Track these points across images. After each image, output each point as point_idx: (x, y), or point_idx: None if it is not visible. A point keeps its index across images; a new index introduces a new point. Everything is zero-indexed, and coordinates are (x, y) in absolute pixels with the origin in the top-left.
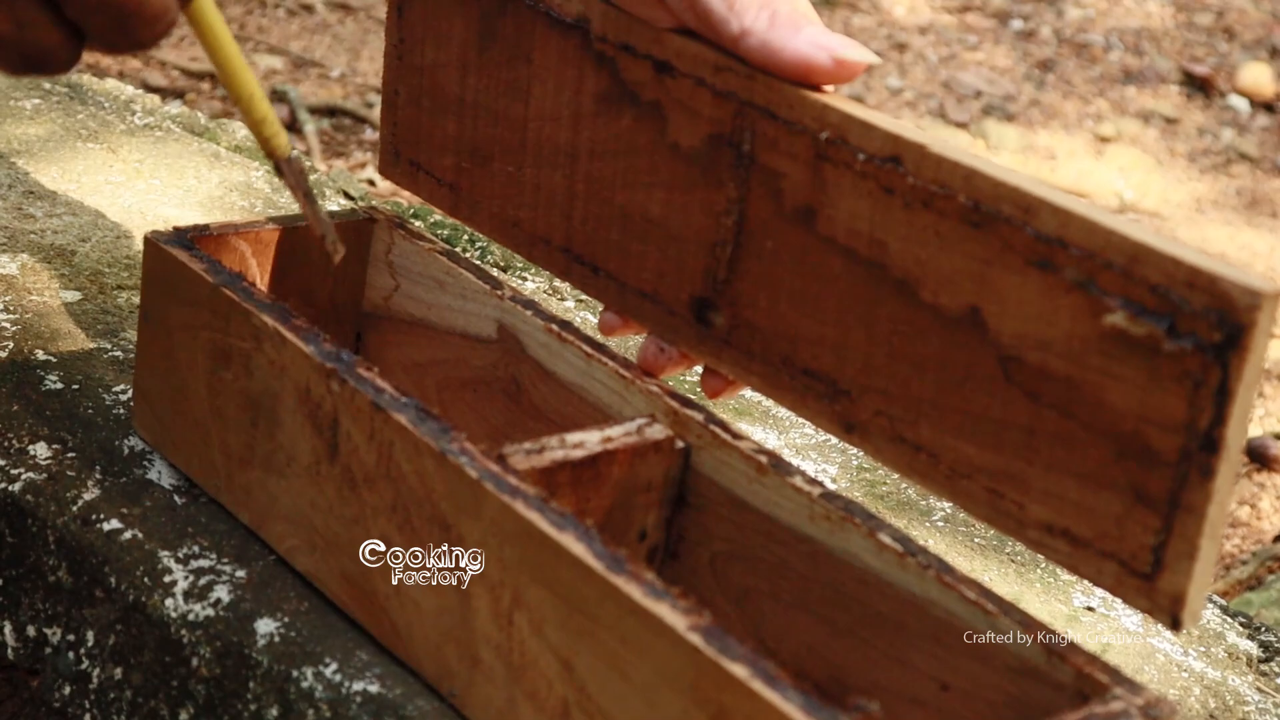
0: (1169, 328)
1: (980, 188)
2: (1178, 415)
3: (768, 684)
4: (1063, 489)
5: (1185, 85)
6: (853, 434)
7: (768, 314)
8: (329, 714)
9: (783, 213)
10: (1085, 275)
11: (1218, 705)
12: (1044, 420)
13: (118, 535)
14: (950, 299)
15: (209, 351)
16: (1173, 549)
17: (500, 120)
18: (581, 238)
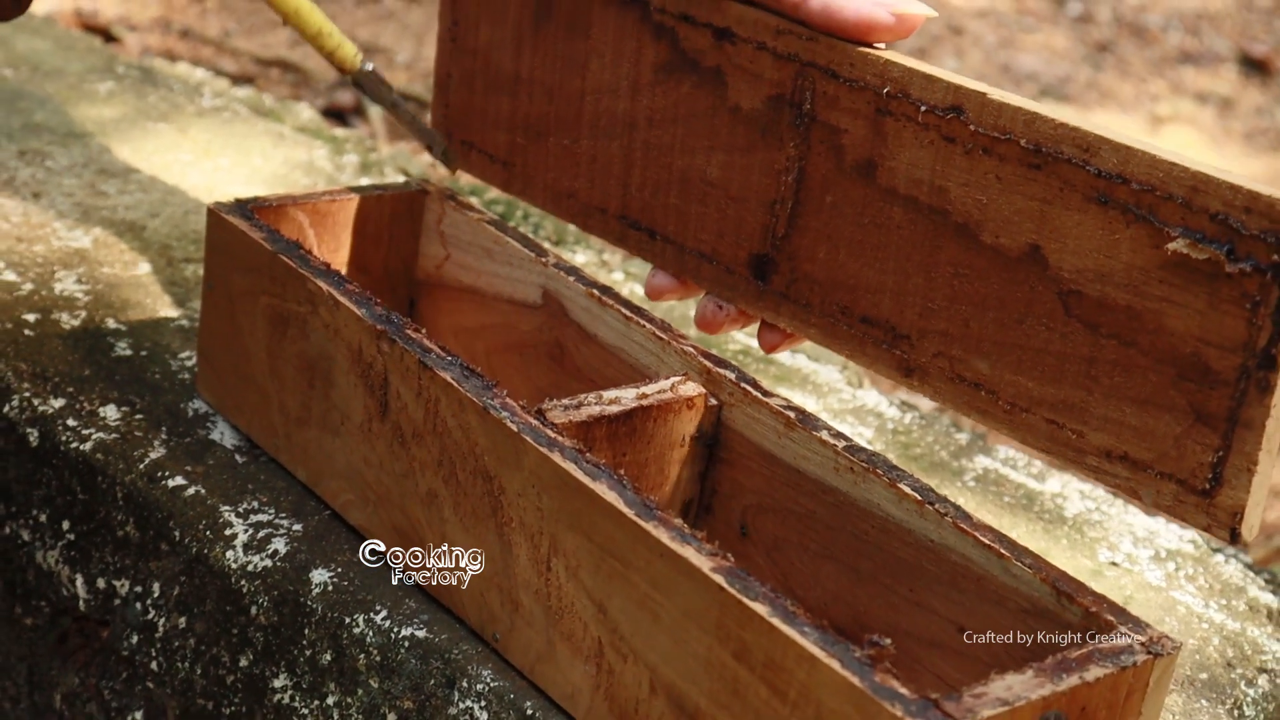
0: (1229, 252)
1: (1041, 131)
2: (1237, 336)
3: (786, 620)
4: (1122, 415)
5: (1242, 66)
6: (912, 376)
7: (826, 266)
8: (379, 658)
9: (843, 167)
10: (1146, 208)
11: (1235, 654)
12: (1103, 350)
13: (182, 491)
14: (1011, 239)
15: (268, 316)
16: (1232, 465)
17: (556, 95)
18: (638, 204)
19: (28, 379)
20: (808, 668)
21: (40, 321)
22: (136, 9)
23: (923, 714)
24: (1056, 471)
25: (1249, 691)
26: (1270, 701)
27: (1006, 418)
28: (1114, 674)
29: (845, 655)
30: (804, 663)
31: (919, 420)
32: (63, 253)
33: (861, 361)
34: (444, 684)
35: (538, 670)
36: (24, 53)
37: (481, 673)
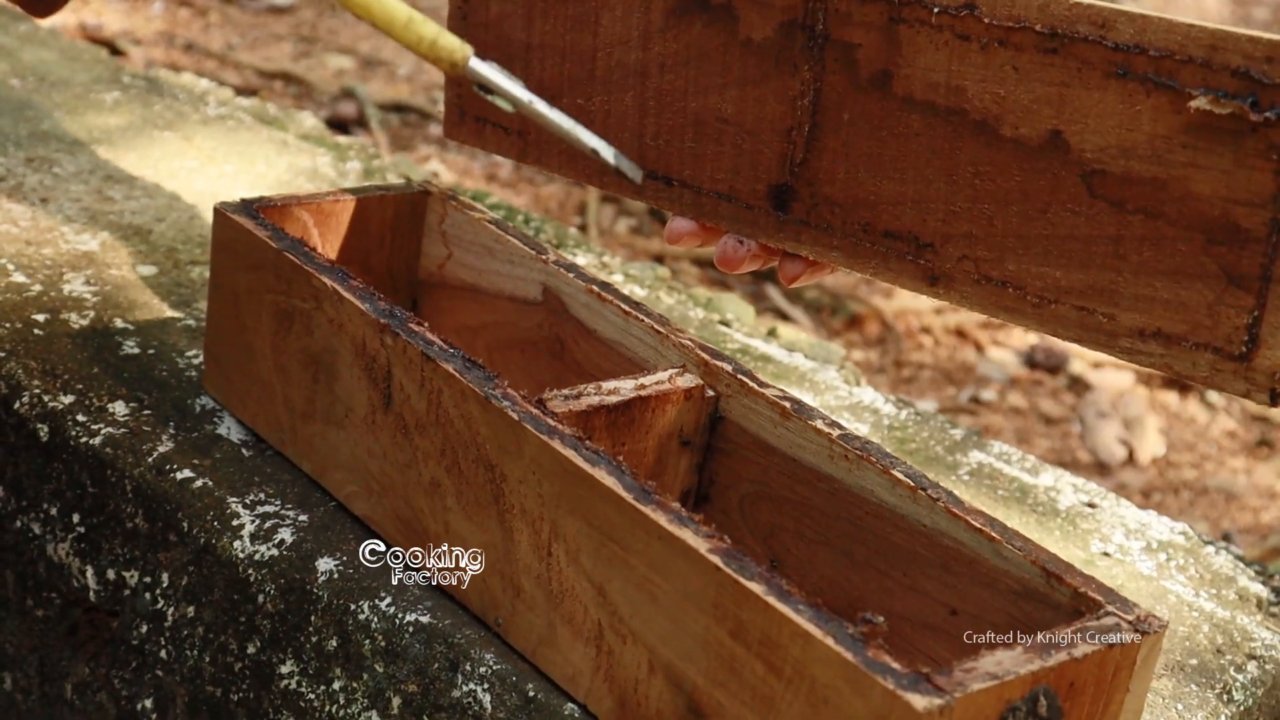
0: (1253, 103)
1: (1055, 13)
2: (1265, 189)
3: (781, 599)
4: (1153, 290)
5: None
6: (937, 285)
7: (846, 186)
8: (384, 643)
9: (858, 83)
10: (1166, 74)
11: (1225, 641)
12: (1130, 226)
13: (190, 484)
14: (1031, 129)
15: (273, 313)
16: (1269, 323)
17: (568, 56)
18: (654, 153)
19: (38, 376)
20: (802, 644)
21: (50, 321)
22: (140, 23)
23: (914, 688)
24: (1050, 466)
25: (1238, 677)
26: (1259, 687)
27: (1035, 312)
28: (1102, 651)
29: (839, 632)
30: (799, 639)
31: (914, 416)
32: (71, 255)
33: (886, 277)
34: (448, 668)
35: (539, 653)
36: (31, 63)
37: (484, 656)
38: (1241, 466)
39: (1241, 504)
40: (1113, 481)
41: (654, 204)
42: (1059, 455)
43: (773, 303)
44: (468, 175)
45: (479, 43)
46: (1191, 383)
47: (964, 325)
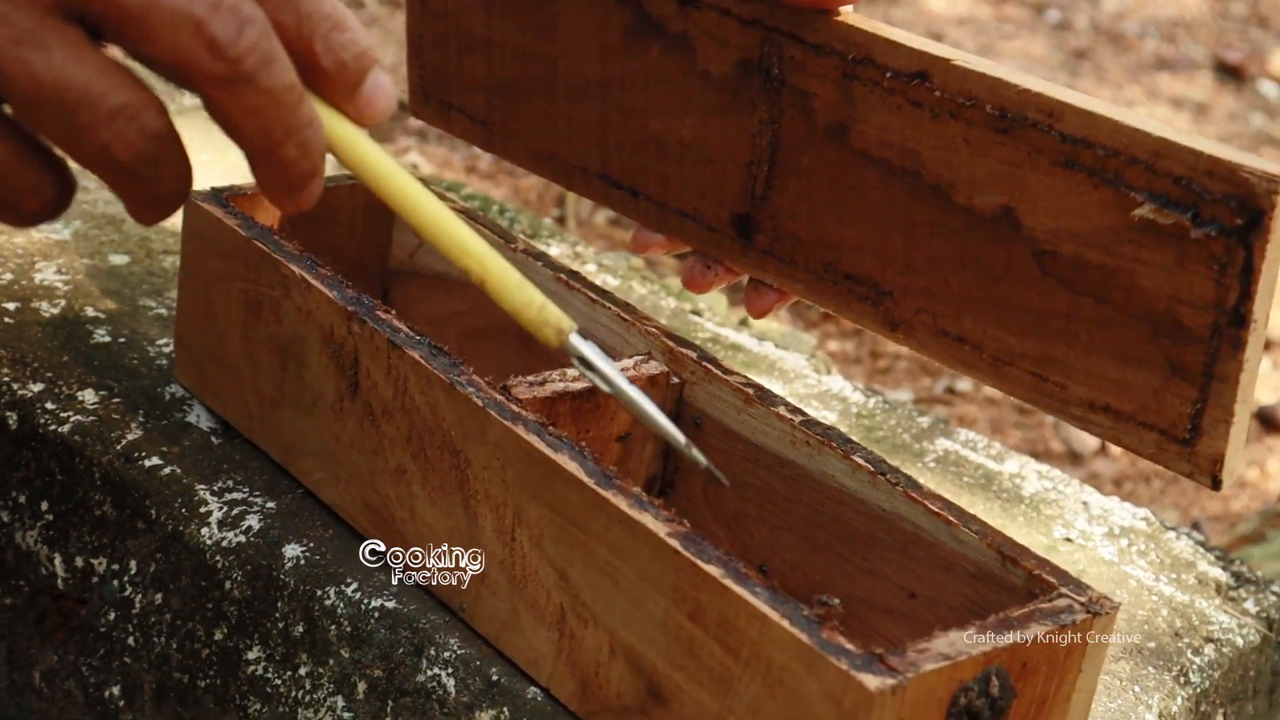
0: (1194, 216)
1: (1006, 96)
2: (1207, 295)
3: (738, 581)
4: (1102, 368)
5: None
6: (897, 331)
7: (808, 225)
8: (349, 629)
9: (815, 131)
10: (1112, 172)
11: (1183, 624)
12: (1081, 307)
13: (158, 471)
14: (983, 201)
15: (242, 301)
16: (1209, 416)
17: (527, 57)
18: (618, 164)
19: (7, 364)
20: (759, 626)
21: (20, 310)
22: None
23: (867, 668)
24: (1015, 453)
25: (1195, 660)
26: (1216, 669)
27: (992, 370)
28: (1054, 632)
29: (794, 614)
30: (755, 621)
31: (882, 405)
32: (43, 244)
33: (848, 316)
34: (412, 652)
35: (503, 638)
36: None
37: (449, 641)
38: None
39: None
40: (1085, 471)
41: (621, 213)
42: (1032, 445)
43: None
44: (447, 167)
45: (438, 30)
46: (1137, 455)
47: None
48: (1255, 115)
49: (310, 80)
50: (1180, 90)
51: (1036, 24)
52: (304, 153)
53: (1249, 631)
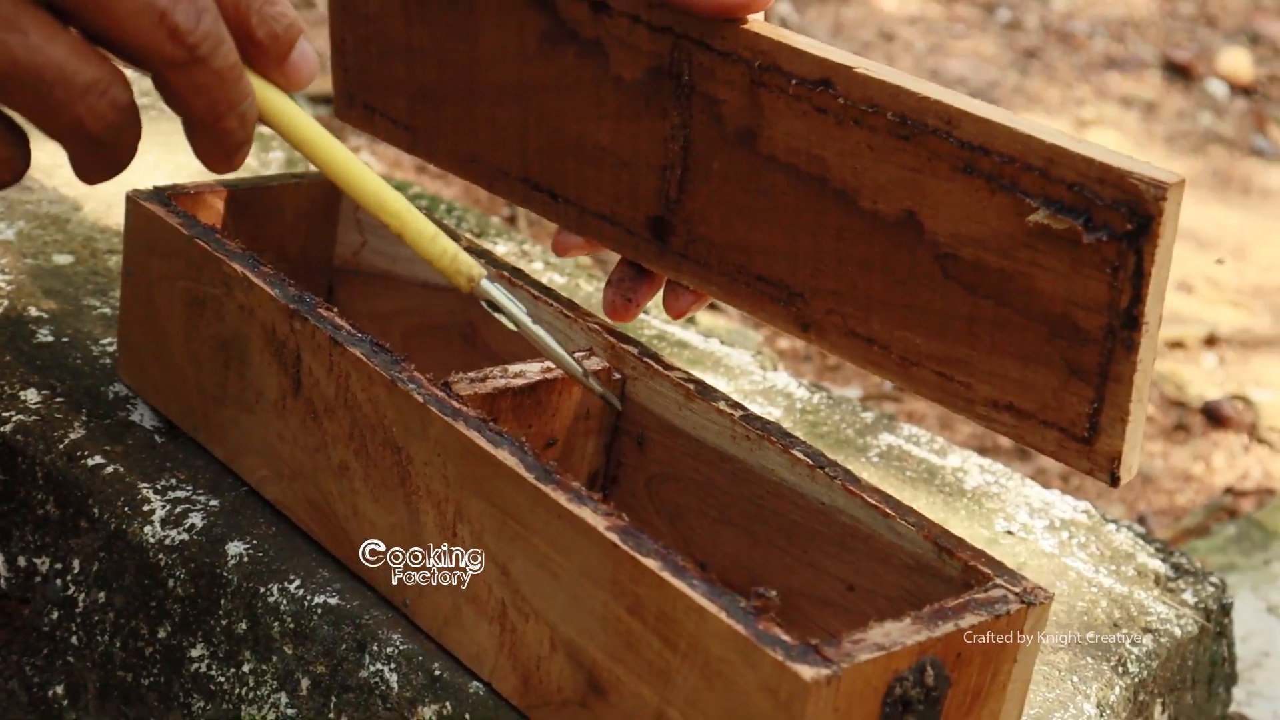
0: (1086, 221)
1: (906, 103)
2: (1101, 298)
3: (676, 574)
4: (1004, 369)
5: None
6: (809, 332)
7: (720, 228)
8: (292, 625)
9: (725, 136)
10: (1008, 178)
11: (1122, 615)
12: (982, 309)
13: (101, 470)
14: (887, 205)
15: (185, 300)
16: (1106, 415)
17: (448, 63)
18: (538, 168)
19: None
20: (696, 618)
21: None
22: None
23: (803, 658)
24: (958, 447)
25: (1133, 650)
26: (1154, 659)
27: (900, 370)
28: (988, 621)
29: (731, 606)
30: (693, 614)
31: (827, 400)
32: None
33: (762, 318)
34: (355, 648)
35: (445, 633)
36: None
37: (391, 637)
38: (1158, 450)
39: (1157, 487)
40: (1032, 467)
41: (541, 215)
42: (980, 441)
43: None
44: (398, 166)
45: (360, 35)
46: (1039, 453)
47: None
48: (1203, 114)
49: (245, 52)
50: (1129, 89)
51: (987, 23)
52: (241, 123)
53: (1187, 622)
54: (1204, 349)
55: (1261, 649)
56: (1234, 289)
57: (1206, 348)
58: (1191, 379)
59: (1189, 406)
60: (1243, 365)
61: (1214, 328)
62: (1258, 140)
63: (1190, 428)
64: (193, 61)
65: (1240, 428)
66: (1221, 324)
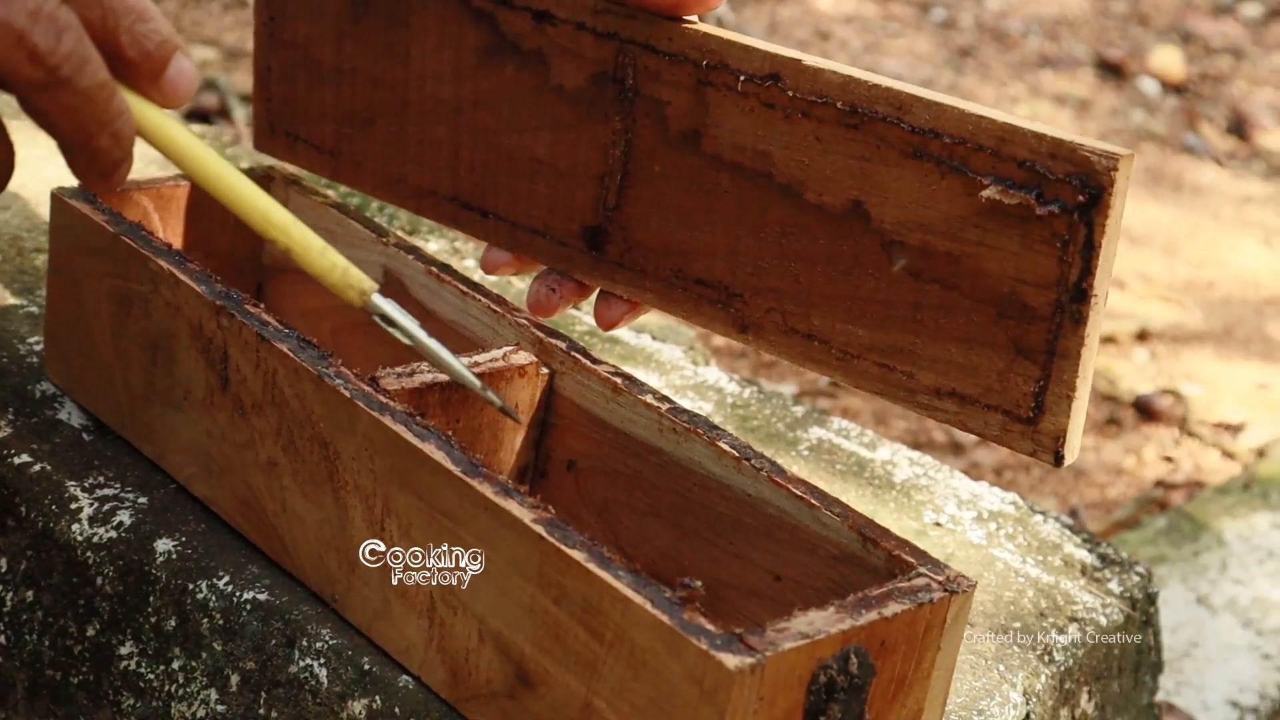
0: (1038, 195)
1: (856, 92)
2: (1050, 273)
3: (601, 565)
4: (948, 354)
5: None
6: (747, 332)
7: (659, 233)
8: (222, 622)
9: (668, 138)
10: (959, 159)
11: (1048, 605)
12: (928, 295)
13: (28, 468)
14: (834, 197)
15: (112, 297)
16: (1052, 393)
17: (380, 84)
18: (468, 185)
19: None
20: (622, 609)
21: None
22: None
23: (727, 647)
24: (887, 440)
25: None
26: (1079, 648)
27: (840, 365)
28: (912, 610)
29: (656, 596)
30: (618, 604)
31: (757, 395)
32: None
33: (699, 322)
34: (284, 644)
35: (375, 627)
36: None
37: (321, 632)
38: (1090, 444)
39: (1089, 480)
40: (965, 460)
41: (469, 234)
42: (915, 436)
43: None
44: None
45: (287, 61)
46: (984, 439)
47: None
48: (1135, 112)
49: (117, 70)
50: (1063, 87)
51: (922, 22)
52: (116, 142)
53: (1113, 611)
54: (1136, 344)
55: (1190, 639)
56: (1165, 284)
57: (1138, 342)
58: (1123, 373)
59: (1120, 401)
60: (1174, 360)
61: (1145, 323)
62: (1189, 138)
63: (1122, 421)
64: (55, 83)
65: (1171, 421)
66: (1153, 319)
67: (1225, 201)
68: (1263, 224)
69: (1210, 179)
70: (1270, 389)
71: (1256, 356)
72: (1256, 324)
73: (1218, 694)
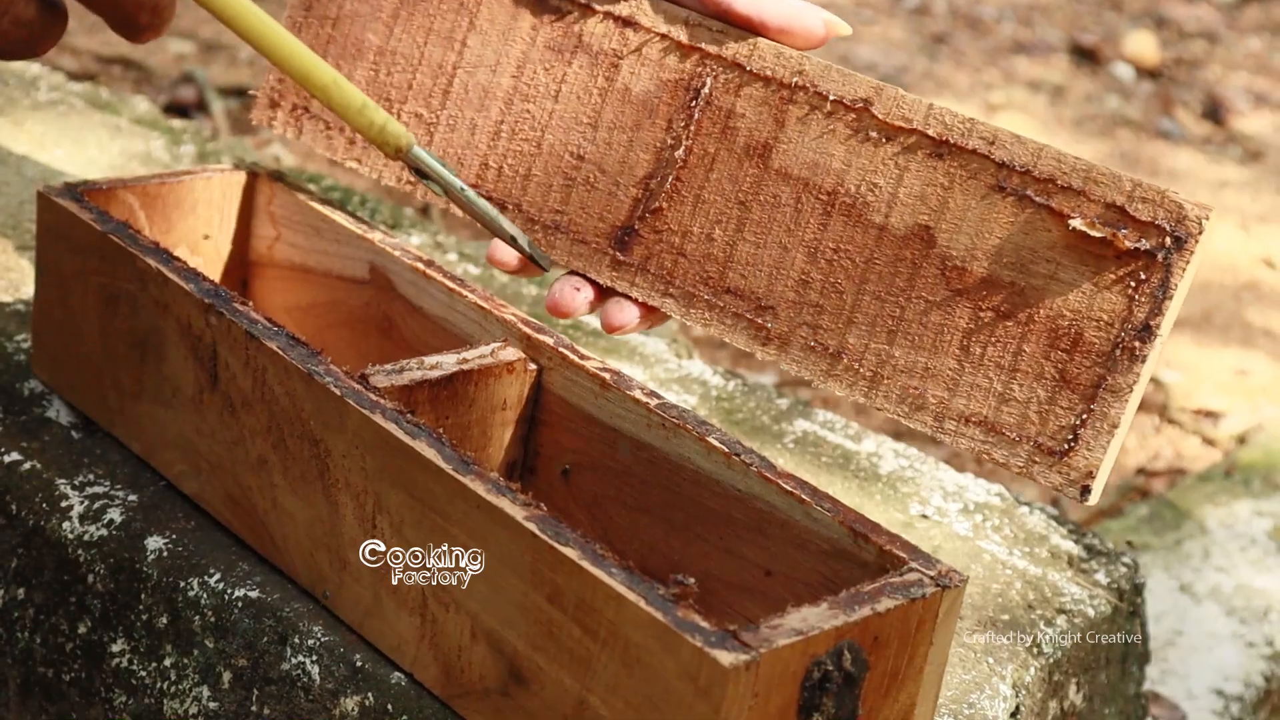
0: (1123, 232)
1: (946, 122)
2: (1118, 312)
3: (595, 563)
4: (989, 383)
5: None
6: (769, 346)
7: (698, 241)
8: (213, 619)
9: (734, 148)
10: (1044, 195)
11: (1036, 597)
12: (983, 323)
13: (18, 466)
14: (900, 220)
15: (99, 296)
16: (1092, 427)
17: (421, 67)
18: (493, 175)
19: None
20: (615, 606)
21: None
22: None
23: (721, 644)
24: (872, 432)
25: (1048, 631)
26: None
27: (866, 385)
28: (904, 605)
29: (650, 593)
30: (612, 602)
31: (742, 388)
32: None
33: (718, 330)
34: (276, 641)
35: (366, 624)
36: None
37: (313, 629)
38: None
39: None
40: (947, 450)
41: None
42: (896, 425)
43: None
44: (310, 159)
45: (312, 37)
46: (1004, 469)
47: None
48: (1110, 97)
49: None
50: (1037, 73)
51: (895, 9)
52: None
53: (1100, 602)
54: None
55: (1174, 628)
56: None
57: None
58: None
59: None
60: None
61: None
62: (1164, 123)
63: None
64: None
65: (1151, 409)
66: None
67: (1202, 186)
68: (1239, 209)
69: (1186, 164)
70: (1249, 375)
71: (1235, 342)
72: (1235, 309)
73: (1202, 683)
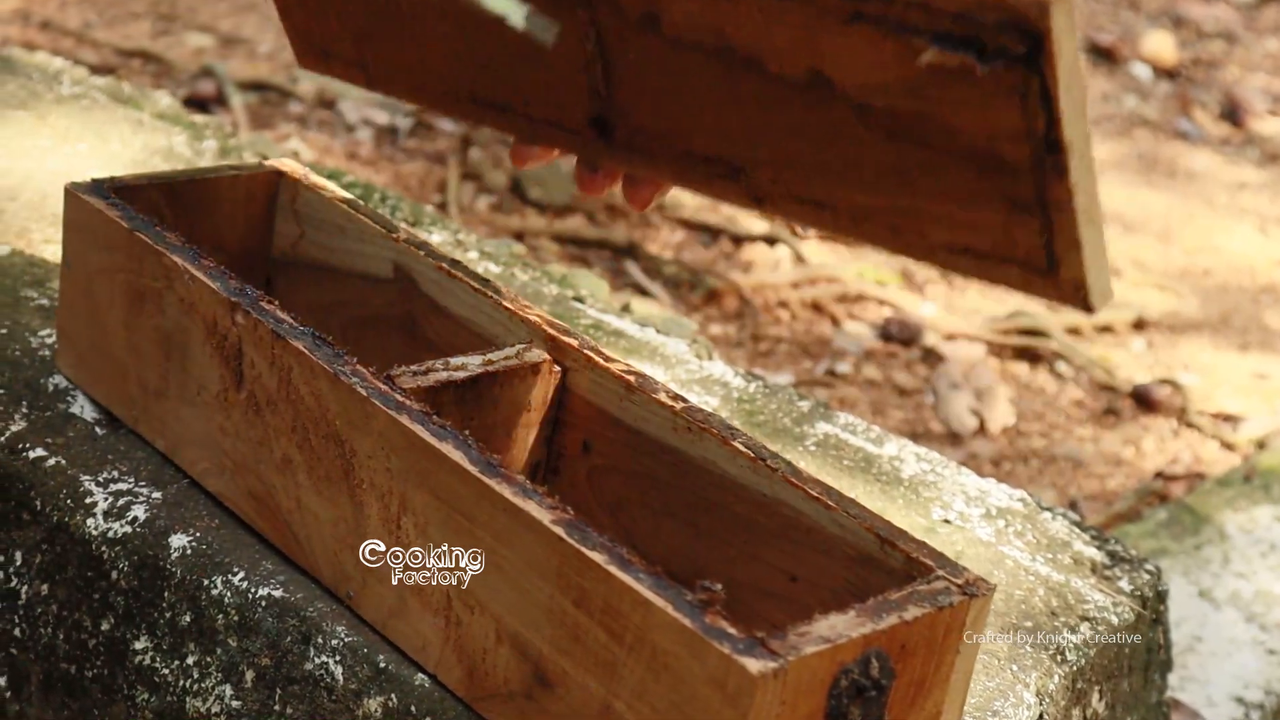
0: (978, 53)
1: None
2: (1017, 126)
3: (622, 567)
4: (949, 212)
5: (1090, 54)
6: (763, 205)
7: (652, 117)
8: (237, 618)
9: (629, 24)
10: (894, 20)
11: (1060, 604)
12: (907, 155)
13: (42, 462)
14: (793, 67)
15: (125, 292)
16: (1059, 244)
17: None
18: (484, 83)
19: None
20: (643, 612)
21: None
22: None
23: (749, 652)
24: (894, 435)
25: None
26: (1091, 647)
27: (853, 228)
28: (931, 614)
29: (678, 599)
30: (639, 607)
31: (763, 389)
32: None
33: (712, 195)
34: (300, 640)
35: (390, 625)
36: None
37: (336, 629)
38: (1089, 435)
39: (1088, 471)
40: (963, 451)
41: (496, 129)
42: (912, 426)
43: (631, 278)
44: (328, 154)
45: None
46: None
47: (820, 299)
48: (1128, 97)
49: None
50: None
51: None
52: None
53: (1124, 610)
54: (1132, 333)
55: (1194, 633)
56: (1161, 272)
57: (1135, 331)
58: (1121, 363)
59: (1118, 390)
60: (1171, 349)
61: (1142, 311)
62: (1182, 123)
63: (1120, 412)
64: None
65: (1169, 412)
66: (1149, 307)
67: (1219, 188)
68: (1258, 211)
69: (1204, 165)
70: (1268, 379)
71: (1254, 346)
72: (1253, 312)
73: (1223, 690)
